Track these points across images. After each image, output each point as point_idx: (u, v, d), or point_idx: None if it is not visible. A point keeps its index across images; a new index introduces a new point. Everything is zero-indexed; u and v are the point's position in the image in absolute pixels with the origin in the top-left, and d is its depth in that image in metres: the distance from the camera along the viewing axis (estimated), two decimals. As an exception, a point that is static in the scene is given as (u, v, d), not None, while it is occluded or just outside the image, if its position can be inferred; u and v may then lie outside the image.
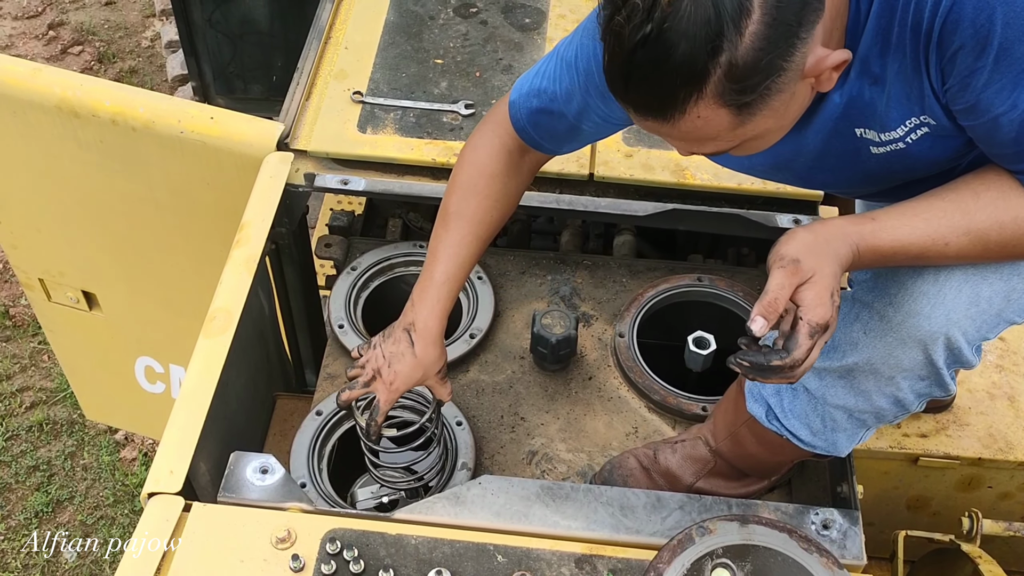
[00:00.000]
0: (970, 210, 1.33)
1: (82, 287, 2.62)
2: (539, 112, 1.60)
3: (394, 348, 1.65)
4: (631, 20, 1.14)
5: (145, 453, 3.51)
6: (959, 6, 1.20)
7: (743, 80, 1.15)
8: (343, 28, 2.37)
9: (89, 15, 5.03)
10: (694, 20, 1.11)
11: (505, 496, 1.61)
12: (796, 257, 1.31)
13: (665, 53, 1.13)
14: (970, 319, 1.41)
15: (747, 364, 1.34)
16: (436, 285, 1.65)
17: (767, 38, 1.14)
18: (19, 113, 2.18)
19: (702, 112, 1.18)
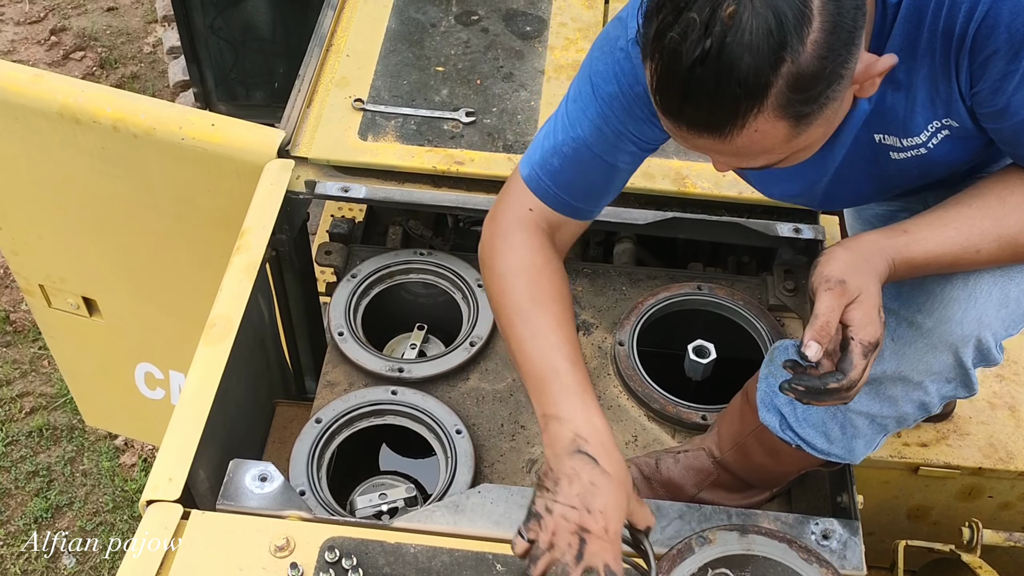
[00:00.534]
0: (998, 215, 1.34)
1: (82, 293, 2.62)
2: (566, 170, 1.50)
3: (580, 486, 1.30)
4: (688, 36, 1.09)
5: (145, 459, 3.50)
6: (995, 12, 1.20)
7: (806, 90, 1.12)
8: (344, 35, 2.38)
9: (91, 21, 5.04)
10: (756, 32, 1.08)
11: (504, 505, 1.61)
12: (842, 278, 1.30)
13: (728, 68, 1.09)
14: (1000, 320, 1.42)
15: (802, 389, 1.33)
16: (565, 374, 1.38)
17: (829, 46, 1.11)
18: (20, 119, 2.19)
19: (761, 126, 1.14)
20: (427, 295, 2.16)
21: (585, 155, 1.49)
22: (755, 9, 1.07)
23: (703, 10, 1.08)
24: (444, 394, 1.95)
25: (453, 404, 1.92)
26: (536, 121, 2.18)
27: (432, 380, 1.96)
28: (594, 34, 2.38)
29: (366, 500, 1.81)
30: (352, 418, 1.89)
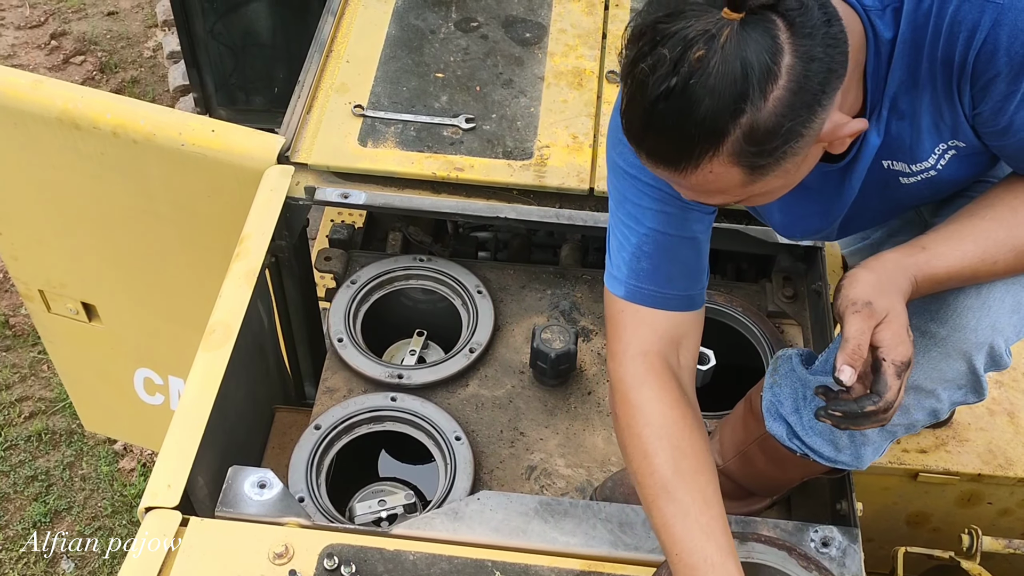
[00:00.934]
0: (1012, 226, 1.35)
1: (82, 298, 2.62)
2: (658, 267, 1.47)
3: None
4: (656, 70, 1.12)
5: (144, 464, 3.50)
6: (994, 37, 1.22)
7: (762, 144, 1.15)
8: (344, 41, 2.38)
9: (91, 25, 5.05)
10: (721, 78, 1.10)
11: (504, 512, 1.61)
12: (868, 300, 1.30)
13: (688, 107, 1.12)
14: (1012, 325, 1.43)
15: (839, 415, 1.32)
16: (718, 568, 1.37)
17: (790, 105, 1.13)
18: (20, 125, 2.19)
19: (715, 168, 1.17)
20: (427, 301, 2.16)
21: (665, 242, 1.48)
22: (724, 56, 1.10)
23: (675, 48, 1.11)
24: (443, 400, 1.95)
25: (452, 410, 1.92)
26: (535, 127, 2.18)
27: (431, 386, 1.96)
28: (594, 40, 2.38)
29: (365, 507, 1.81)
30: (351, 424, 1.89)
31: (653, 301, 1.49)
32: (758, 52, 1.10)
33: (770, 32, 1.11)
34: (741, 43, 1.10)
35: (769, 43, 1.11)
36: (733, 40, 1.10)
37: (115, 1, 5.20)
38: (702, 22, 1.11)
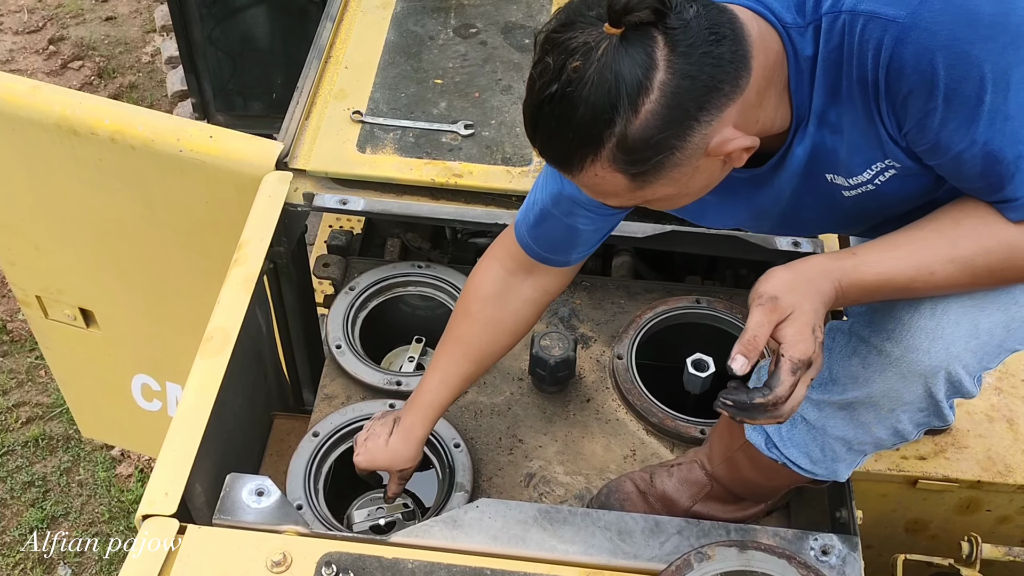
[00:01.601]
0: (952, 237, 1.33)
1: (80, 304, 2.62)
2: (537, 225, 1.63)
3: (377, 428, 1.76)
4: (542, 76, 1.20)
5: (141, 469, 3.50)
6: (898, 56, 1.22)
7: (633, 153, 1.20)
8: (343, 47, 2.38)
9: (89, 30, 5.05)
10: (595, 89, 1.17)
11: (502, 519, 1.60)
12: (774, 294, 1.31)
13: (566, 114, 1.19)
14: (971, 352, 1.40)
15: (730, 403, 1.34)
16: (423, 393, 1.74)
17: (661, 118, 1.18)
18: (18, 131, 2.18)
19: (599, 172, 1.24)
20: (425, 308, 2.16)
21: (548, 217, 1.62)
22: (599, 68, 1.16)
23: (558, 57, 1.19)
24: (442, 407, 1.94)
25: (451, 418, 1.91)
26: (534, 134, 2.18)
27: (430, 393, 1.95)
28: (592, 47, 2.38)
29: (363, 514, 1.81)
30: (350, 431, 1.88)
31: (524, 244, 1.67)
32: (631, 67, 1.16)
33: (647, 48, 1.16)
34: (617, 57, 1.16)
35: (644, 59, 1.16)
36: (609, 54, 1.16)
37: (113, 6, 5.21)
38: (585, 34, 1.18)
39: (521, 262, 1.69)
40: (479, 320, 1.72)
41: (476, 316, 1.72)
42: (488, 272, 1.72)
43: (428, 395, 1.74)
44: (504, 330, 1.74)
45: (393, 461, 1.75)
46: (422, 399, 1.74)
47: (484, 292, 1.71)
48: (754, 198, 1.49)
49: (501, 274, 1.71)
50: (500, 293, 1.71)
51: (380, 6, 2.48)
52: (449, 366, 1.73)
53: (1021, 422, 2.27)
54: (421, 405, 1.74)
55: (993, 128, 1.23)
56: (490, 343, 1.74)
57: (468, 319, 1.72)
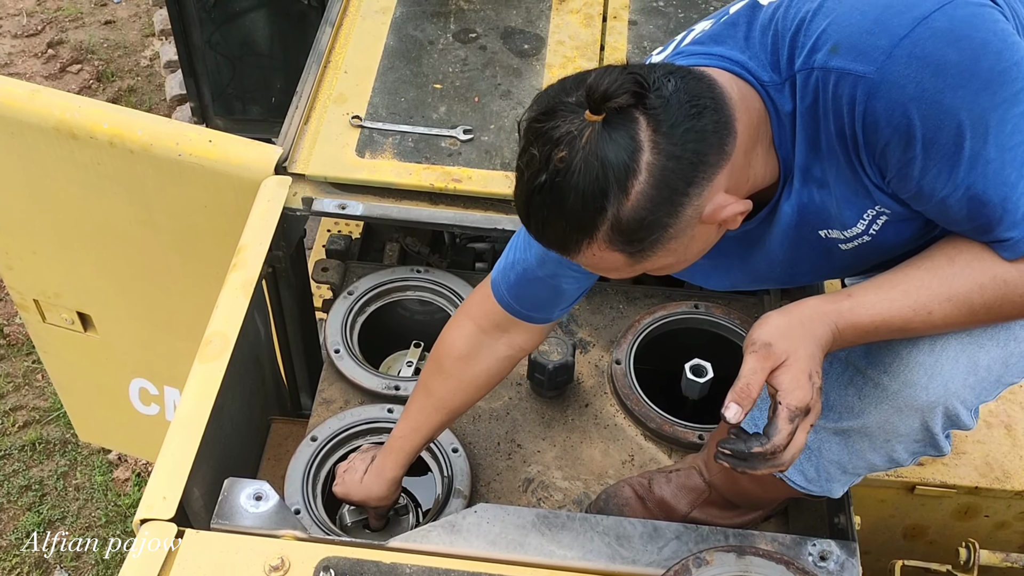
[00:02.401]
0: (947, 276, 1.31)
1: (77, 308, 2.61)
2: (517, 284, 1.62)
3: (357, 463, 1.79)
4: (530, 167, 1.20)
5: (138, 473, 3.49)
6: (871, 110, 1.22)
7: (628, 234, 1.20)
8: (342, 52, 2.38)
9: (89, 34, 5.05)
10: (583, 177, 1.16)
11: (501, 525, 1.60)
12: (768, 341, 1.29)
13: (558, 203, 1.19)
14: (969, 388, 1.39)
15: (728, 453, 1.32)
16: (395, 439, 1.76)
17: (652, 199, 1.18)
18: (17, 134, 2.18)
19: (596, 252, 1.23)
20: (424, 312, 2.16)
21: (532, 276, 1.60)
22: (585, 156, 1.16)
23: (544, 147, 1.18)
24: (440, 412, 1.94)
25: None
26: (533, 139, 2.18)
27: (428, 398, 1.95)
28: (591, 52, 2.39)
29: (355, 512, 1.81)
30: (348, 436, 1.88)
31: (502, 302, 1.65)
32: (616, 151, 1.16)
33: (630, 131, 1.16)
34: (601, 143, 1.16)
35: (628, 142, 1.16)
36: (593, 140, 1.16)
37: (112, 10, 5.21)
38: (567, 123, 1.17)
39: (497, 321, 1.67)
40: (451, 377, 1.72)
41: (448, 372, 1.72)
42: (462, 331, 1.71)
43: (399, 441, 1.76)
44: (476, 386, 1.74)
45: (367, 498, 1.77)
46: (394, 444, 1.76)
47: (457, 351, 1.71)
48: (749, 259, 1.48)
49: (475, 333, 1.69)
50: (472, 352, 1.70)
51: (380, 11, 2.48)
52: (420, 416, 1.75)
53: (1019, 428, 2.27)
54: (393, 450, 1.76)
55: (975, 172, 1.22)
56: (462, 400, 1.74)
57: (441, 375, 1.73)
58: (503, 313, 1.65)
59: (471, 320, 1.70)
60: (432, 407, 1.74)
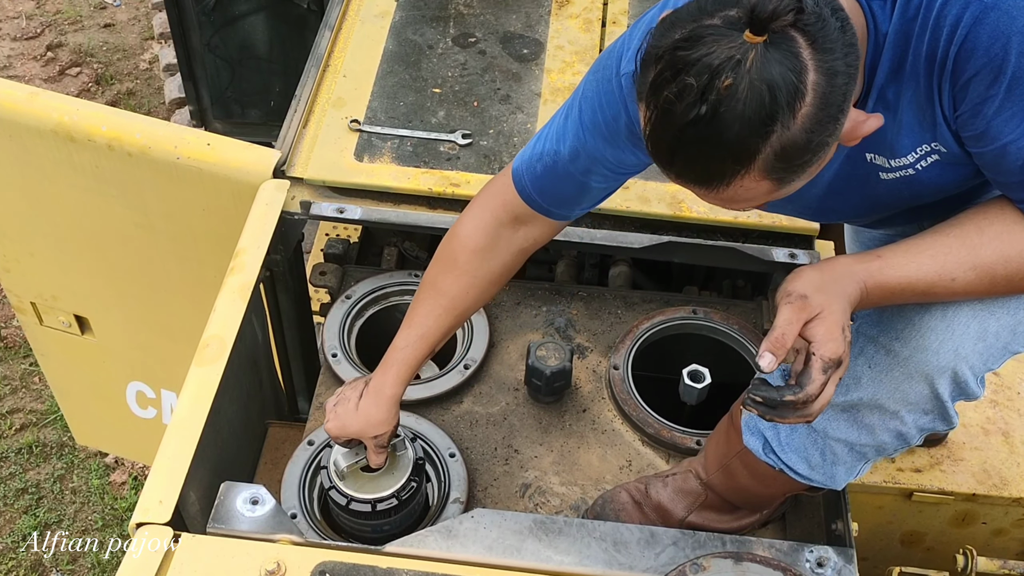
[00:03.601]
0: (975, 245, 1.34)
1: (74, 311, 2.61)
2: (544, 177, 1.57)
3: (348, 392, 1.68)
4: (683, 98, 1.12)
5: (135, 477, 3.49)
6: (974, 34, 1.21)
7: (792, 160, 1.16)
8: (341, 56, 2.38)
9: (88, 37, 5.05)
10: (749, 103, 1.10)
11: (498, 530, 1.60)
12: (804, 293, 1.32)
13: (718, 134, 1.13)
14: (977, 353, 1.42)
15: (760, 400, 1.34)
16: (396, 350, 1.66)
17: (818, 120, 1.14)
18: (15, 137, 2.18)
19: (746, 184, 1.18)
20: (421, 317, 2.15)
21: (561, 170, 1.55)
22: (751, 81, 1.10)
23: (701, 76, 1.11)
24: (437, 417, 1.94)
25: (446, 427, 1.91)
26: (532, 143, 2.18)
27: (426, 403, 1.95)
28: (591, 57, 2.39)
29: (349, 456, 1.70)
30: (345, 441, 1.87)
31: (522, 193, 1.60)
32: (783, 73, 1.10)
33: (792, 50, 1.11)
34: (766, 66, 1.10)
35: (793, 62, 1.11)
36: (758, 64, 1.10)
37: (112, 13, 5.21)
38: (725, 48, 1.11)
39: (517, 213, 1.62)
40: (467, 273, 1.64)
41: (464, 268, 1.64)
42: (480, 223, 1.63)
43: (404, 351, 1.65)
44: (491, 282, 1.67)
45: (365, 426, 1.65)
46: (396, 356, 1.65)
47: (474, 244, 1.63)
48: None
49: (493, 225, 1.63)
50: (490, 245, 1.63)
51: (379, 15, 2.49)
52: (428, 320, 1.65)
53: (1017, 435, 2.27)
54: (395, 362, 1.65)
55: None
56: (476, 297, 1.67)
57: (455, 271, 1.64)
58: (523, 206, 1.60)
59: (488, 212, 1.63)
60: (442, 308, 1.65)
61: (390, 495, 1.69)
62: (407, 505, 1.72)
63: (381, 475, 1.71)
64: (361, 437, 1.67)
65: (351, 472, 1.71)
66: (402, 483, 1.70)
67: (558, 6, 2.52)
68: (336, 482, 1.70)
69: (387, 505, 1.69)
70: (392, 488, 1.69)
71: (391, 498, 1.69)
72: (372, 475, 1.71)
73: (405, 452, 1.74)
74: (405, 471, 1.72)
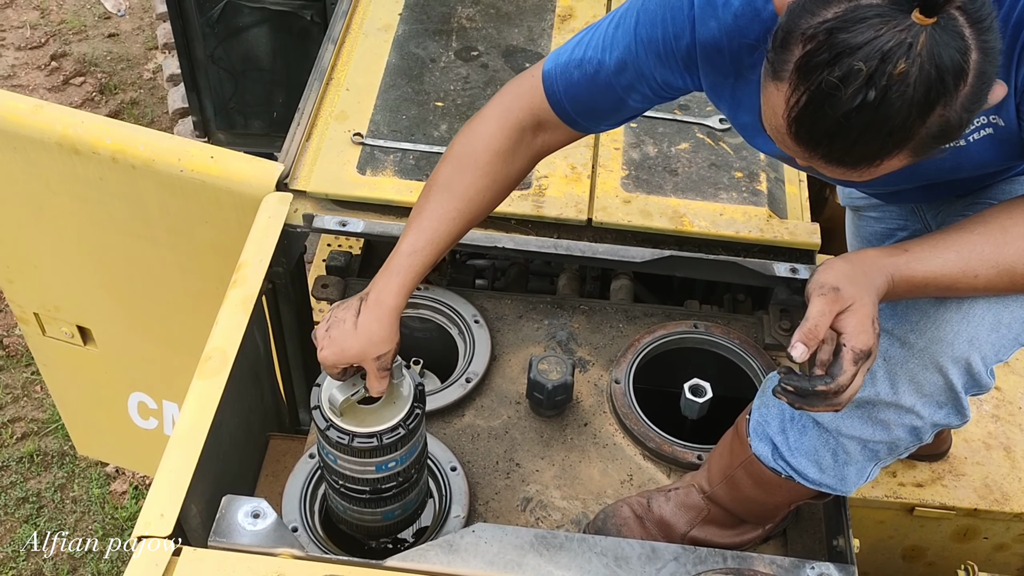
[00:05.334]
0: (999, 243, 1.37)
1: (77, 322, 2.61)
2: (579, 85, 1.52)
3: (340, 313, 1.54)
4: (848, 83, 1.10)
5: (136, 486, 3.48)
6: None
7: (946, 138, 1.16)
8: (344, 69, 2.39)
9: (92, 47, 5.07)
10: (918, 87, 1.09)
11: (499, 544, 1.59)
12: (836, 285, 1.33)
13: (884, 119, 1.11)
14: (991, 343, 1.44)
15: (791, 389, 1.36)
16: (401, 256, 1.54)
17: (974, 98, 1.14)
18: (20, 149, 2.19)
19: (892, 163, 1.18)
20: (423, 330, 2.16)
21: (602, 81, 1.52)
22: (921, 65, 1.08)
23: (870, 61, 1.09)
24: (439, 430, 1.94)
25: (448, 441, 1.91)
26: (534, 157, 2.18)
27: (427, 416, 1.94)
28: (593, 71, 2.39)
29: (346, 388, 1.57)
30: (346, 453, 1.87)
31: (552, 98, 1.55)
32: (951, 55, 1.09)
33: (956, 30, 1.10)
34: (935, 49, 1.09)
35: (959, 43, 1.10)
36: (927, 47, 1.08)
37: (116, 23, 5.23)
38: (892, 31, 1.08)
39: (541, 118, 1.57)
40: (487, 175, 1.56)
41: (485, 170, 1.56)
42: (504, 124, 1.57)
43: (411, 258, 1.54)
44: (507, 186, 1.62)
45: (367, 345, 1.49)
46: (401, 263, 1.53)
47: (498, 145, 1.56)
48: None
49: (516, 128, 1.57)
50: (512, 148, 1.57)
51: (382, 28, 2.49)
52: (440, 224, 1.55)
53: (1018, 450, 2.27)
54: (400, 270, 1.53)
55: None
56: (490, 201, 1.60)
57: (473, 172, 1.56)
58: (549, 111, 1.56)
59: (513, 114, 1.57)
60: (456, 211, 1.55)
61: (396, 425, 1.52)
62: (413, 435, 1.55)
63: (381, 406, 1.55)
64: (362, 360, 1.51)
65: (350, 408, 1.54)
66: (406, 411, 1.54)
67: (560, 20, 2.53)
68: (333, 418, 1.52)
69: (394, 436, 1.51)
70: (396, 417, 1.52)
71: (397, 428, 1.52)
72: (371, 408, 1.55)
73: (403, 379, 1.57)
74: (407, 398, 1.56)
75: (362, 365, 1.53)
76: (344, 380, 1.56)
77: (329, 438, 1.56)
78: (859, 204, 1.98)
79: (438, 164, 1.62)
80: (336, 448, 1.57)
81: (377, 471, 1.60)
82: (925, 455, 2.24)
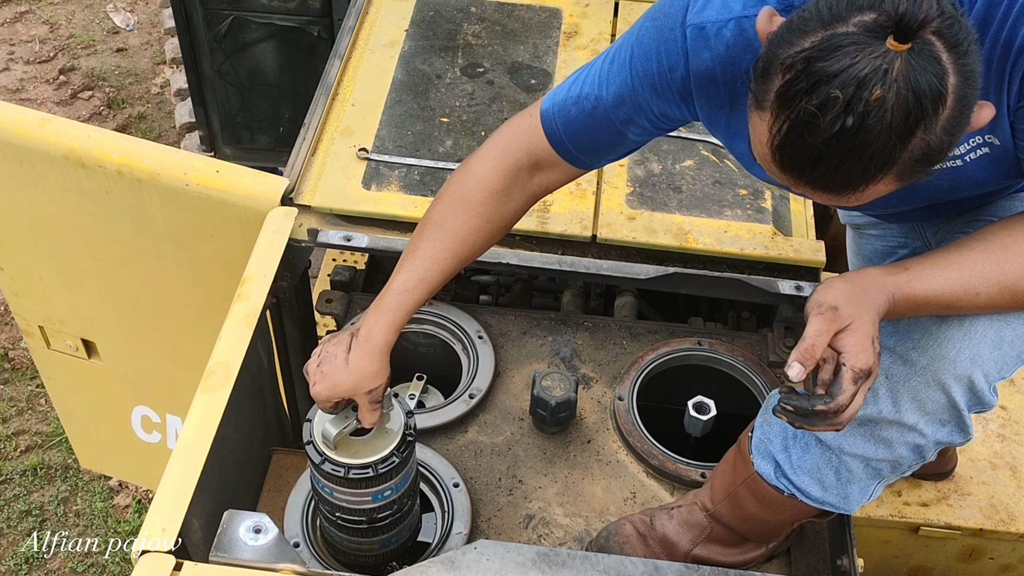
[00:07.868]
0: (1000, 261, 1.37)
1: (82, 335, 2.62)
2: (578, 121, 1.54)
3: (331, 348, 1.56)
4: (826, 110, 1.11)
5: (139, 500, 3.48)
6: None
7: (929, 161, 1.16)
8: (351, 85, 2.39)
9: (100, 61, 5.09)
10: (896, 113, 1.10)
11: (501, 561, 1.59)
12: (834, 304, 1.33)
13: (864, 145, 1.12)
14: (993, 361, 1.44)
15: (791, 409, 1.35)
16: (392, 293, 1.56)
17: (955, 122, 1.15)
18: (26, 163, 2.20)
19: (878, 187, 1.18)
20: (427, 345, 2.16)
21: (600, 116, 1.53)
22: (898, 91, 1.09)
23: (847, 88, 1.09)
24: (442, 446, 1.94)
25: (451, 457, 1.91)
26: (539, 173, 2.19)
27: (430, 432, 1.95)
28: (598, 88, 2.40)
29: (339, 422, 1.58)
30: (349, 469, 1.87)
31: (551, 136, 1.55)
32: (928, 79, 1.10)
33: (933, 55, 1.10)
34: (911, 74, 1.09)
35: (936, 67, 1.10)
36: (903, 72, 1.09)
37: (124, 38, 5.26)
38: (868, 58, 1.09)
39: (539, 158, 1.57)
40: (480, 215, 1.57)
41: (479, 210, 1.56)
42: (500, 164, 1.57)
43: (402, 296, 1.55)
44: (501, 228, 1.62)
45: (359, 380, 1.52)
46: (393, 300, 1.55)
47: (492, 186, 1.56)
48: None
49: (512, 168, 1.57)
50: (508, 188, 1.57)
51: (388, 44, 2.51)
52: (434, 264, 1.56)
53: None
54: (391, 308, 1.55)
55: None
56: (484, 241, 1.60)
57: (468, 212, 1.56)
58: (548, 150, 1.56)
59: (509, 154, 1.58)
60: (449, 252, 1.56)
61: (389, 454, 1.55)
62: (407, 463, 1.59)
63: (373, 437, 1.58)
64: (354, 394, 1.53)
65: (343, 441, 1.57)
66: (398, 440, 1.57)
67: (566, 37, 2.54)
68: (328, 452, 1.55)
69: (388, 466, 1.55)
70: (390, 447, 1.56)
71: (391, 457, 1.55)
72: (363, 439, 1.58)
73: (392, 408, 1.60)
74: (398, 427, 1.59)
75: (354, 399, 1.56)
76: (336, 413, 1.58)
77: (325, 472, 1.58)
78: (859, 222, 1.97)
79: (433, 201, 1.63)
80: (332, 481, 1.59)
81: (373, 500, 1.61)
82: (930, 474, 2.23)
